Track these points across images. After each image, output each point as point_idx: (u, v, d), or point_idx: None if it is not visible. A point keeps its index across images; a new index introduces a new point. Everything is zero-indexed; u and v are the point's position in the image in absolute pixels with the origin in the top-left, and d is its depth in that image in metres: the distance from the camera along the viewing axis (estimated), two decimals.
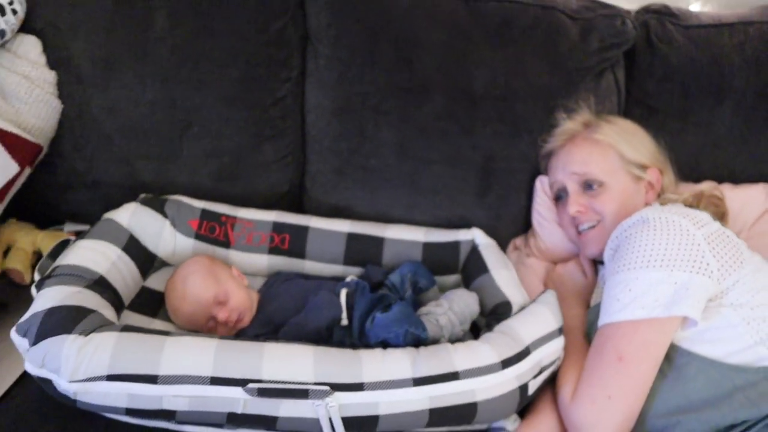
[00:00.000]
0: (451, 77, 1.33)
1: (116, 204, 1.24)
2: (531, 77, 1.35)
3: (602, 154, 1.24)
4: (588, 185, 1.23)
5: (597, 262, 1.29)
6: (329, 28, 1.34)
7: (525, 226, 1.42)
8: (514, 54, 1.35)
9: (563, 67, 1.36)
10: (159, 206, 1.25)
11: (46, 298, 0.98)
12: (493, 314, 1.14)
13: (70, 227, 1.35)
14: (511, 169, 1.38)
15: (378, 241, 1.31)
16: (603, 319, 1.03)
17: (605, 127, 1.28)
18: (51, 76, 1.28)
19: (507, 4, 1.36)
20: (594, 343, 1.03)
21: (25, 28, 1.27)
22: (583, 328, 1.16)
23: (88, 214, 1.30)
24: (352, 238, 1.31)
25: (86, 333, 0.92)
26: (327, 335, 1.09)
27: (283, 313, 1.12)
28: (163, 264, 1.27)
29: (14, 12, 1.22)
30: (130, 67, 1.29)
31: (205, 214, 1.29)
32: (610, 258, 1.10)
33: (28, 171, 1.23)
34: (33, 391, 0.99)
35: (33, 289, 1.06)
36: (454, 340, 1.07)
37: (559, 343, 1.05)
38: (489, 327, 1.09)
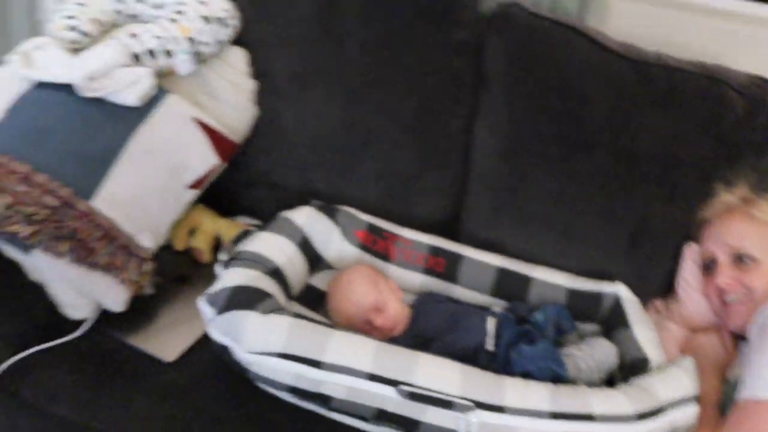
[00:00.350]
0: (615, 135, 1.37)
1: (288, 206, 1.34)
2: (693, 146, 1.36)
3: (759, 231, 1.24)
4: (740, 259, 1.23)
5: (737, 337, 1.27)
6: (506, 74, 1.41)
7: (667, 289, 1.40)
8: (679, 121, 1.36)
9: (726, 140, 1.36)
10: (331, 213, 1.34)
11: (233, 277, 1.10)
12: (630, 369, 1.16)
13: (243, 220, 1.47)
14: (663, 232, 1.38)
15: (525, 280, 1.34)
16: (744, 394, 1.02)
17: (764, 206, 1.28)
18: (252, 85, 1.42)
19: (676, 72, 1.38)
20: (732, 416, 1.03)
21: (236, 40, 1.42)
22: (719, 401, 1.14)
23: (261, 211, 1.42)
24: (502, 272, 1.35)
25: (265, 312, 1.03)
26: (472, 358, 1.13)
27: (434, 330, 1.19)
28: (327, 266, 1.35)
29: (232, 26, 1.38)
30: (321, 86, 1.42)
31: (371, 228, 1.36)
32: (755, 334, 1.10)
33: (224, 165, 1.37)
34: (209, 355, 1.10)
35: (217, 267, 1.18)
36: (589, 386, 1.09)
37: (694, 409, 1.05)
38: (625, 380, 1.11)
